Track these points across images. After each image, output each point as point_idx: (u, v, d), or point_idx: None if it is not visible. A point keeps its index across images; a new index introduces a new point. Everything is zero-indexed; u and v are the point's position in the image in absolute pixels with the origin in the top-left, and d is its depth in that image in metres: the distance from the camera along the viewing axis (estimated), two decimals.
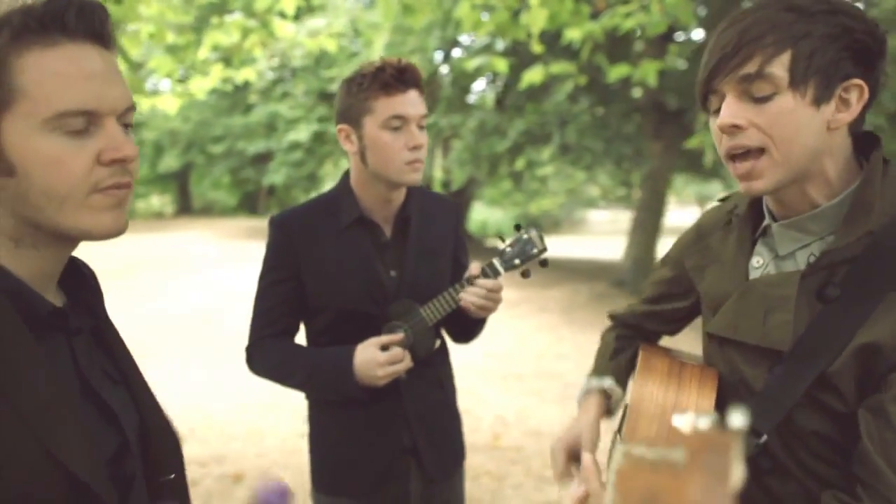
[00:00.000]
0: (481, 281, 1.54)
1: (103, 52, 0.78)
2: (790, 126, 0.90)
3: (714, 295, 1.11)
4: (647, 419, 1.03)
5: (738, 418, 0.41)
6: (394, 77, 1.48)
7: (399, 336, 1.52)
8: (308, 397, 1.74)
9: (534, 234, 1.56)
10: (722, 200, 1.25)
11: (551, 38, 5.43)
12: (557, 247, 1.86)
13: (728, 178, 15.38)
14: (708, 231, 1.21)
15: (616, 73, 4.48)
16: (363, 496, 1.61)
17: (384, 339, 1.51)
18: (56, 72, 0.73)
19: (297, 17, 5.70)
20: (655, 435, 1.02)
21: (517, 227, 1.61)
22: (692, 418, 0.48)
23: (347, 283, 1.57)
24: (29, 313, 0.77)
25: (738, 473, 0.40)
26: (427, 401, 1.64)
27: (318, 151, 13.97)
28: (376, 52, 8.13)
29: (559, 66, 4.63)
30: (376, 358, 1.48)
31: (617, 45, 8.09)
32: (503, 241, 1.62)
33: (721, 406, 1.04)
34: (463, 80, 10.29)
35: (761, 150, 0.93)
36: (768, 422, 0.95)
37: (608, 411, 1.31)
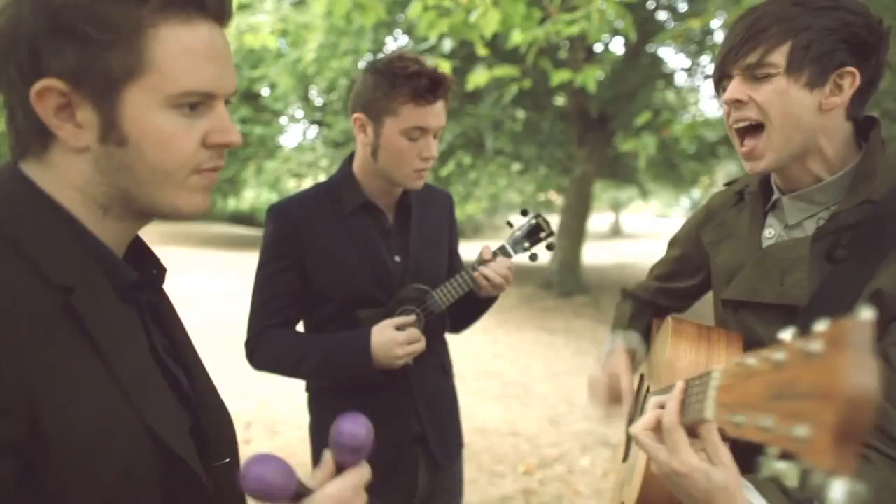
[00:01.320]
0: (499, 259, 1.57)
1: (223, 32, 0.77)
2: (783, 104, 1.03)
3: (730, 266, 1.21)
4: (682, 375, 1.11)
5: (866, 311, 0.46)
6: (427, 88, 1.44)
7: (413, 318, 1.53)
8: (309, 388, 1.71)
9: (541, 219, 1.62)
10: (728, 185, 1.36)
11: (494, 42, 5.54)
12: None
13: (643, 185, 16.12)
14: (716, 211, 1.32)
15: (558, 77, 4.64)
16: (372, 487, 1.59)
17: (398, 320, 1.51)
18: (190, 49, 0.71)
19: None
20: None
21: (524, 213, 1.66)
22: (792, 330, 0.55)
23: (354, 270, 1.56)
24: (117, 282, 0.75)
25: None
26: (433, 387, 1.66)
27: (240, 154, 13.54)
28: (309, 52, 8.03)
29: (503, 70, 4.73)
30: (395, 337, 1.48)
31: (553, 52, 8.36)
32: (511, 226, 1.66)
33: None
34: None
35: (761, 126, 1.06)
36: None
37: (633, 368, 1.40)
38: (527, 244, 1.61)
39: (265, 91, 12.64)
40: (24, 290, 0.64)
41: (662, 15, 10.41)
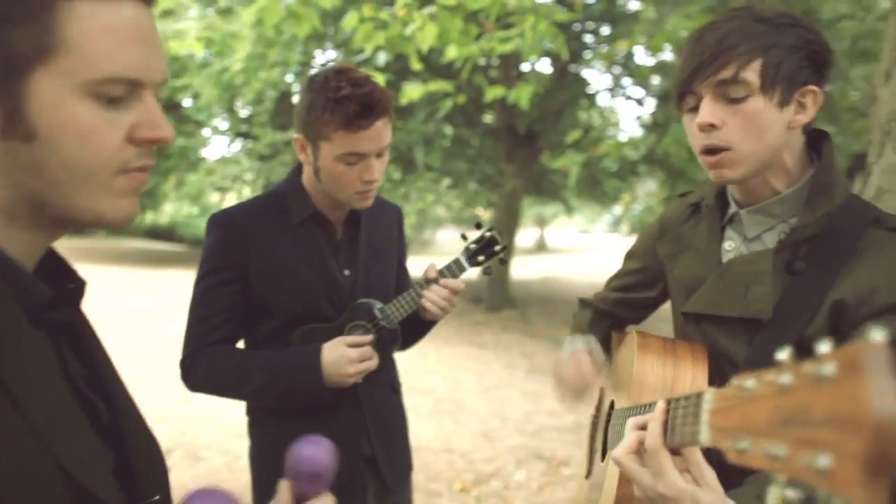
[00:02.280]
0: (445, 281, 1.53)
1: (150, 12, 0.67)
2: (759, 124, 1.03)
3: (688, 278, 1.21)
4: (651, 391, 1.10)
5: (878, 333, 0.45)
6: (357, 114, 1.36)
7: (369, 337, 1.47)
8: (249, 411, 1.60)
9: (495, 232, 1.60)
10: (681, 196, 1.37)
11: (428, 57, 5.54)
12: (412, 267, 1.95)
13: (568, 201, 16.56)
14: (671, 223, 1.33)
15: (492, 94, 4.68)
16: None
17: (351, 338, 1.44)
18: (112, 28, 0.61)
19: None
20: None
21: (478, 226, 1.63)
22: (790, 350, 0.53)
23: (303, 283, 1.49)
24: (26, 303, 0.64)
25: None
26: (383, 406, 1.59)
27: (160, 166, 12.97)
28: (236, 62, 7.79)
29: (438, 85, 4.73)
30: (348, 354, 1.42)
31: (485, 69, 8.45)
32: (465, 239, 1.63)
33: (711, 378, 1.13)
34: None
35: (730, 149, 1.05)
36: None
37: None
38: (481, 258, 1.58)
39: (187, 101, 12.19)
40: None
41: (587, 37, 10.78)
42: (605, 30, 10.61)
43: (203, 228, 1.56)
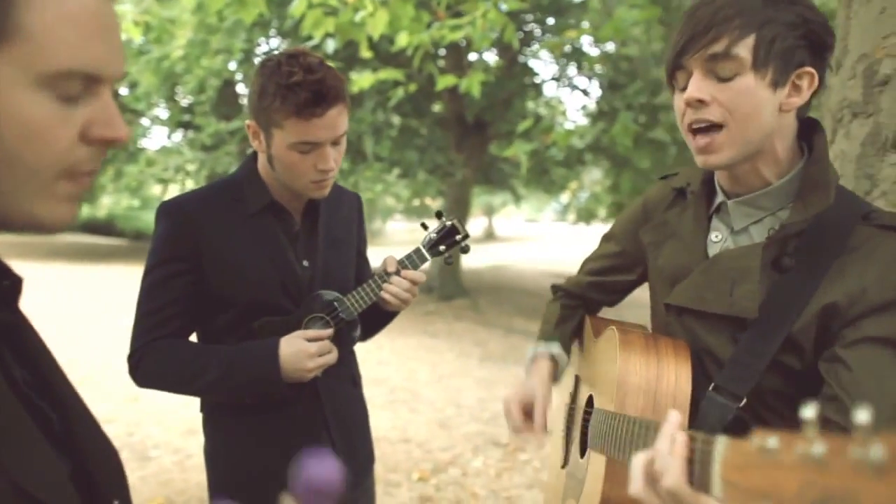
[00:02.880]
0: (406, 272, 1.51)
1: (111, 2, 0.62)
2: (749, 104, 0.97)
3: (673, 268, 1.17)
4: (634, 392, 1.07)
5: None
6: (309, 101, 1.29)
7: (329, 331, 1.43)
8: (203, 407, 1.55)
9: (455, 221, 1.58)
10: (664, 178, 1.33)
11: (377, 45, 5.48)
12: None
13: (516, 189, 16.70)
14: (654, 207, 1.29)
15: (443, 82, 4.66)
16: None
17: (311, 332, 1.41)
18: (72, 17, 0.56)
19: None
20: (643, 407, 1.07)
21: (438, 215, 1.61)
22: (814, 407, 0.48)
23: (259, 275, 1.44)
24: None
25: None
26: (343, 400, 1.56)
27: None
28: (176, 49, 7.53)
29: (388, 73, 4.69)
30: (306, 349, 1.38)
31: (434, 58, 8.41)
32: (426, 228, 1.61)
33: (693, 374, 1.09)
34: None
35: (720, 126, 0.99)
36: (745, 385, 1.02)
37: (554, 377, 1.37)
38: (442, 247, 1.57)
39: (124, 90, 11.73)
40: None
41: (535, 28, 10.87)
42: (551, 20, 10.73)
43: (145, 221, 1.48)
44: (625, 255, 1.37)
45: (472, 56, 9.88)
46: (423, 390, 5.93)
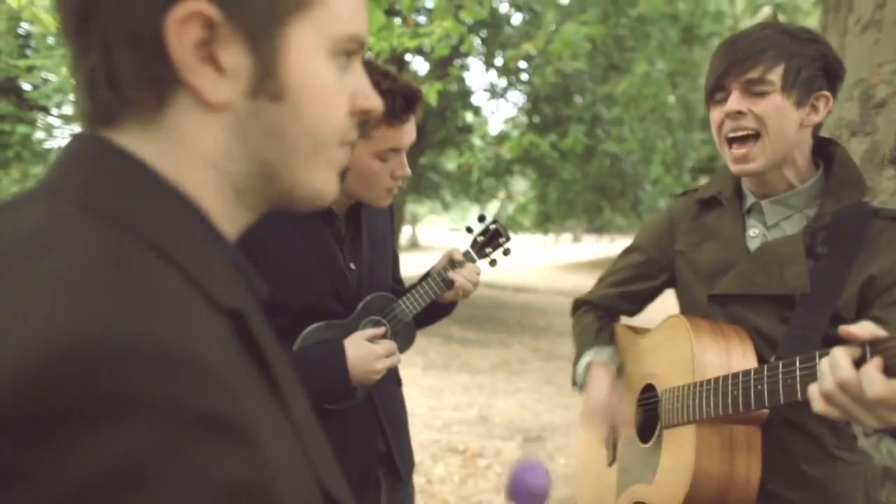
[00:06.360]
0: (470, 264, 1.55)
1: None
2: (777, 117, 1.20)
3: (713, 263, 1.34)
4: (711, 365, 1.22)
5: None
6: (402, 108, 1.32)
7: (383, 329, 1.43)
8: None
9: (500, 224, 1.61)
10: (683, 194, 1.52)
11: None
12: None
13: (444, 199, 16.85)
14: (680, 218, 1.46)
15: None
16: None
17: (370, 332, 1.40)
18: None
19: None
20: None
21: (481, 219, 1.63)
22: None
23: (313, 278, 1.42)
24: (258, 297, 0.58)
25: None
26: (394, 401, 1.57)
27: None
28: None
29: None
30: (375, 350, 1.37)
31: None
32: (471, 231, 1.63)
33: None
34: None
35: (756, 136, 1.22)
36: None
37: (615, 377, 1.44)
38: (488, 250, 1.60)
39: (27, 85, 10.95)
40: (205, 320, 0.45)
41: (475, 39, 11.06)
42: (483, 32, 10.94)
43: None
44: (650, 264, 1.50)
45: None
46: None
